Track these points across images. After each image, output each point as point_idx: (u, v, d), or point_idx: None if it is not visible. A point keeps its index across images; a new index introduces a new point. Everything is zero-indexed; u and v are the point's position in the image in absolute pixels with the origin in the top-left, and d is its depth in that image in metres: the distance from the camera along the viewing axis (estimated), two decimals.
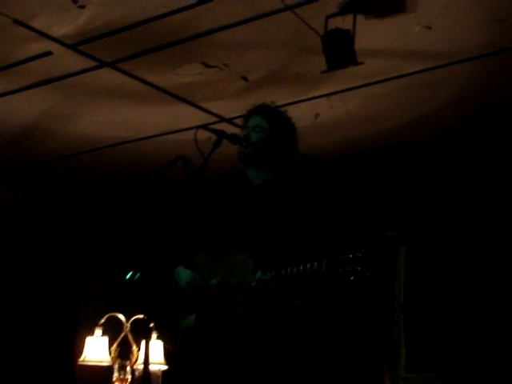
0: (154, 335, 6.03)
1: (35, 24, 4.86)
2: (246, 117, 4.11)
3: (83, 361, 6.08)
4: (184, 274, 4.00)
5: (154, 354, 5.97)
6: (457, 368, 6.23)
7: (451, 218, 6.66)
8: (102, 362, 6.06)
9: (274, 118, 4.04)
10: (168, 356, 6.06)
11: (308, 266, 3.56)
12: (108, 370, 6.11)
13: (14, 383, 7.76)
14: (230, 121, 6.16)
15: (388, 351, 6.61)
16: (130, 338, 6.21)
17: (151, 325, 5.89)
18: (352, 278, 3.47)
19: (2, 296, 8.04)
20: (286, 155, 4.04)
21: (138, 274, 4.02)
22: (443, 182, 6.77)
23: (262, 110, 4.08)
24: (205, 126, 3.94)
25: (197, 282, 3.92)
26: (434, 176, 6.84)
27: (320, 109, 6.03)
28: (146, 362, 3.55)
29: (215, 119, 6.19)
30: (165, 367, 6.06)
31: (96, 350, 6.05)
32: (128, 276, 4.03)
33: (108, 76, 5.55)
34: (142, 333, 5.70)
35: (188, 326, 3.91)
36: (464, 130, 6.19)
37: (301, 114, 5.69)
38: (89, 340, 6.12)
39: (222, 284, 3.82)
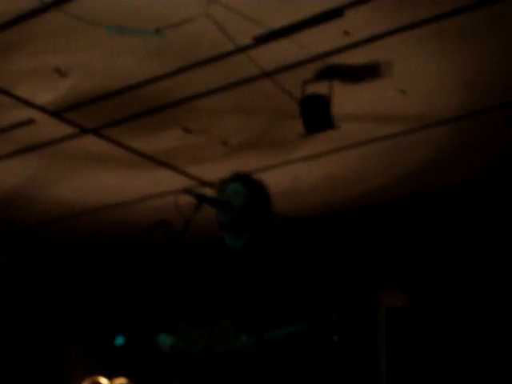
0: None
1: (18, 92, 4.96)
2: (223, 184, 4.14)
3: None
4: (166, 340, 4.01)
5: None
6: None
7: (432, 277, 6.70)
8: None
9: (251, 184, 4.10)
10: None
11: (291, 327, 3.61)
12: None
13: None
14: (210, 184, 6.23)
15: None
16: None
17: None
18: (335, 337, 3.53)
19: None
20: (263, 219, 4.09)
21: (122, 340, 4.05)
22: (423, 241, 6.83)
23: (239, 177, 4.13)
24: (186, 190, 4.00)
25: (179, 347, 3.94)
26: (415, 235, 6.90)
27: (298, 172, 6.12)
28: None
29: (196, 183, 6.26)
30: None
31: None
32: (116, 342, 4.06)
33: (90, 142, 5.64)
34: None
35: None
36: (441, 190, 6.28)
37: (280, 178, 5.81)
38: None
39: (205, 350, 3.84)
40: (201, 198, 3.92)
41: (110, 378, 6.24)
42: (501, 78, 4.89)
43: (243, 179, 4.10)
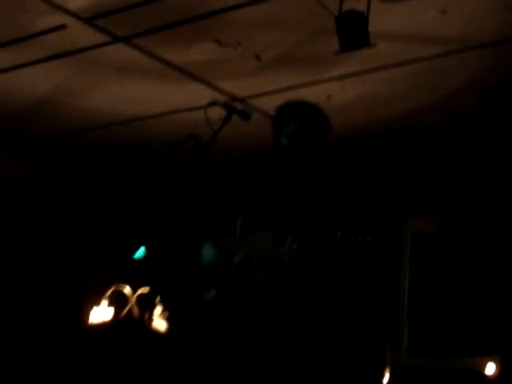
0: (160, 308, 6.07)
1: None
2: (283, 118, 4.09)
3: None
4: (208, 252, 4.06)
5: (159, 327, 6.02)
6: (461, 353, 6.27)
7: (460, 204, 6.66)
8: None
9: (310, 122, 4.05)
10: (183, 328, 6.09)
11: (324, 237, 3.63)
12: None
13: (22, 354, 7.83)
14: (242, 100, 6.18)
15: (391, 334, 6.64)
16: (135, 311, 6.26)
17: (157, 299, 5.98)
18: (363, 248, 3.55)
19: (11, 268, 8.11)
20: (321, 149, 4.10)
21: (145, 252, 4.07)
22: (453, 168, 6.77)
23: (297, 113, 4.07)
24: (215, 102, 3.96)
25: (220, 259, 3.98)
26: (443, 161, 6.84)
27: (332, 91, 6.03)
28: None
29: (228, 98, 6.20)
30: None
31: (101, 320, 6.12)
32: (136, 254, 4.08)
33: (122, 52, 5.58)
34: (147, 306, 5.76)
35: (209, 299, 3.95)
36: (477, 117, 6.19)
37: (313, 96, 5.70)
38: (94, 311, 6.18)
39: (244, 260, 3.88)
40: (230, 110, 3.91)
41: (133, 287, 6.30)
42: None
43: (302, 116, 4.05)
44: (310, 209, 3.86)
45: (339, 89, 5.99)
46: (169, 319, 6.09)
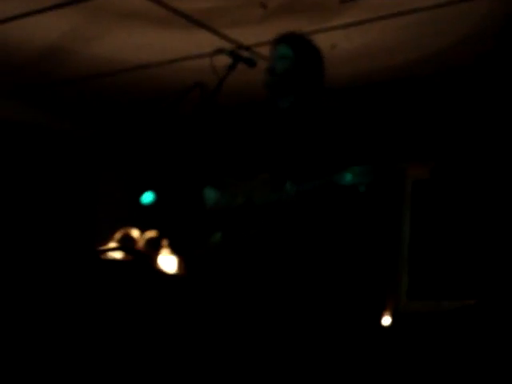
0: (167, 251, 6.16)
1: None
2: (273, 45, 4.14)
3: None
4: (211, 194, 4.12)
5: (167, 269, 6.11)
6: (459, 296, 6.37)
7: (461, 152, 6.72)
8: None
9: (299, 46, 4.07)
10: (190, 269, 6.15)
11: (323, 179, 3.70)
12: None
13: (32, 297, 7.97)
14: (248, 48, 6.22)
15: (391, 278, 6.74)
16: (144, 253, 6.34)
17: (164, 242, 6.08)
18: (361, 188, 3.62)
19: (20, 210, 8.21)
20: (312, 82, 4.11)
21: (152, 196, 4.15)
22: (455, 117, 6.82)
23: (287, 38, 4.10)
24: (221, 50, 4.00)
25: (222, 202, 4.04)
26: (446, 111, 6.89)
27: (337, 39, 6.07)
28: None
29: (234, 46, 6.24)
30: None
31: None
32: (144, 199, 4.16)
33: None
34: (155, 249, 5.84)
35: (215, 242, 4.04)
36: (479, 66, 6.23)
37: (318, 44, 5.76)
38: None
39: (246, 202, 3.94)
40: (236, 57, 3.95)
41: (141, 230, 6.39)
42: None
43: (291, 40, 4.09)
44: (308, 151, 3.89)
45: (344, 37, 6.02)
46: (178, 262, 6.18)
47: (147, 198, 4.24)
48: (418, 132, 6.91)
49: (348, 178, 3.63)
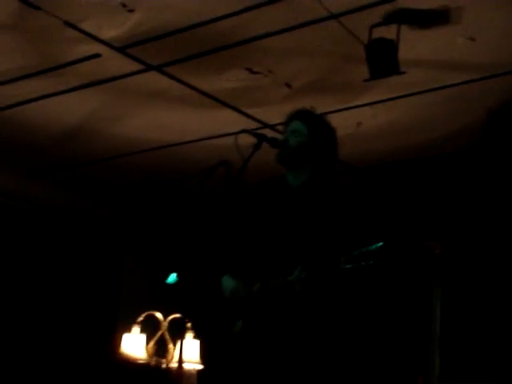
0: (191, 335, 6.09)
1: (85, 26, 4.98)
2: (286, 122, 4.17)
3: (120, 354, 6.13)
4: (228, 283, 4.08)
5: (190, 353, 6.03)
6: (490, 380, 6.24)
7: (490, 234, 6.65)
8: (138, 359, 6.12)
9: (312, 122, 4.09)
10: (208, 357, 6.11)
11: (331, 262, 3.64)
12: (144, 367, 6.18)
13: (53, 377, 7.90)
14: (273, 127, 6.22)
15: (423, 360, 6.62)
16: (167, 336, 6.27)
17: (188, 324, 5.99)
18: (367, 272, 3.56)
19: (46, 291, 8.19)
20: (324, 159, 4.09)
21: (177, 278, 4.11)
22: (483, 195, 6.76)
23: (300, 114, 4.13)
24: (245, 130, 3.99)
25: (240, 290, 4.00)
26: (473, 188, 6.83)
27: (362, 117, 6.07)
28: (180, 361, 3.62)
29: (259, 125, 6.25)
30: (200, 366, 6.11)
31: (133, 346, 6.12)
32: (168, 280, 4.12)
33: (154, 79, 5.64)
34: (179, 332, 5.77)
35: (236, 331, 3.97)
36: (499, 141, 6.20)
37: (343, 122, 5.75)
38: (126, 337, 6.18)
39: (263, 288, 3.89)
40: (260, 138, 3.95)
41: (164, 313, 6.32)
42: None
43: (305, 116, 4.10)
44: (315, 234, 3.86)
45: (369, 115, 6.02)
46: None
47: (171, 278, 4.20)
48: (444, 209, 6.85)
49: (351, 260, 3.57)
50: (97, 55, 5.31)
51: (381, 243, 3.52)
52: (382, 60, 4.80)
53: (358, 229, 3.88)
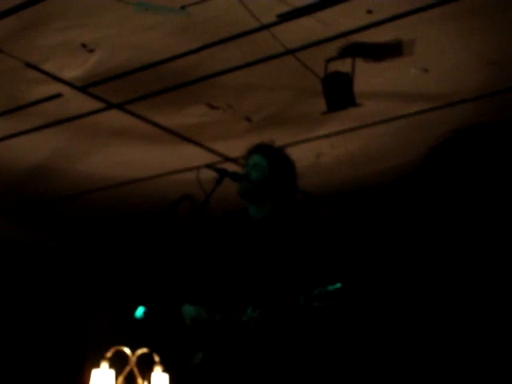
0: (160, 368, 6.10)
1: (46, 67, 5.05)
2: (247, 156, 4.23)
3: None
4: (188, 310, 4.10)
5: None
6: None
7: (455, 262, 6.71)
8: None
9: (272, 155, 4.14)
10: None
11: (288, 302, 3.68)
12: None
13: None
14: (234, 160, 6.30)
15: None
16: (136, 371, 6.27)
17: (156, 358, 6.02)
18: (325, 312, 3.60)
19: (11, 330, 8.15)
20: (285, 192, 4.14)
21: (145, 312, 4.13)
22: (442, 221, 6.85)
23: (260, 148, 4.18)
24: (207, 165, 4.06)
25: (201, 319, 4.02)
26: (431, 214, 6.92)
27: (321, 149, 6.18)
28: None
29: (220, 158, 6.33)
30: None
31: (102, 382, 6.10)
32: (136, 314, 4.14)
33: (116, 117, 5.72)
34: (148, 366, 5.78)
35: (197, 362, 4.00)
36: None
37: (303, 154, 5.87)
38: (95, 372, 6.16)
39: (223, 320, 3.92)
40: (222, 173, 4.00)
41: (132, 348, 6.32)
42: None
43: (264, 150, 4.16)
44: (275, 270, 3.88)
45: (328, 146, 6.13)
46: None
47: (138, 312, 4.22)
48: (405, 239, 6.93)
49: (311, 300, 3.62)
50: (58, 95, 5.38)
51: (339, 284, 3.57)
52: (338, 93, 4.91)
53: (318, 266, 3.92)
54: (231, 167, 4.42)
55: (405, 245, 6.95)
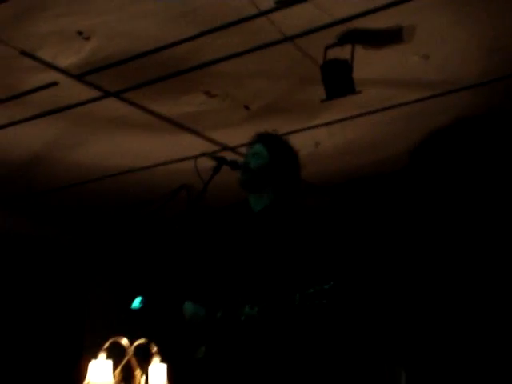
0: (157, 359, 6.06)
1: (41, 55, 4.99)
2: (249, 146, 4.17)
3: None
4: (189, 308, 4.07)
5: (157, 377, 6.00)
6: None
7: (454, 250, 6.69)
8: None
9: (273, 144, 4.09)
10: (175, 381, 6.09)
11: (285, 300, 3.64)
12: None
13: None
14: (233, 149, 6.26)
15: None
16: (134, 362, 6.23)
17: (154, 349, 5.98)
18: (320, 311, 3.57)
19: (9, 320, 8.13)
20: (286, 181, 4.09)
21: (142, 302, 4.09)
22: (440, 208, 6.83)
23: (261, 137, 4.13)
24: (205, 153, 4.01)
25: (200, 315, 3.99)
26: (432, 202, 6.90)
27: (320, 137, 6.13)
28: None
29: (218, 148, 6.29)
30: None
31: (99, 373, 6.07)
32: (133, 305, 4.10)
33: (113, 106, 5.67)
34: (145, 357, 5.75)
35: (199, 357, 3.97)
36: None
37: (302, 143, 5.78)
38: (92, 364, 6.13)
39: (225, 317, 3.89)
40: (220, 161, 3.95)
41: (130, 339, 6.29)
42: None
43: (265, 139, 4.11)
44: (272, 265, 3.83)
45: (327, 135, 6.08)
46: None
47: (136, 303, 4.18)
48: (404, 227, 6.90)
49: (307, 298, 3.58)
50: (54, 83, 5.32)
51: (332, 282, 3.53)
52: (338, 80, 4.86)
53: (315, 262, 3.88)
54: (230, 156, 4.37)
55: (403, 235, 6.93)
